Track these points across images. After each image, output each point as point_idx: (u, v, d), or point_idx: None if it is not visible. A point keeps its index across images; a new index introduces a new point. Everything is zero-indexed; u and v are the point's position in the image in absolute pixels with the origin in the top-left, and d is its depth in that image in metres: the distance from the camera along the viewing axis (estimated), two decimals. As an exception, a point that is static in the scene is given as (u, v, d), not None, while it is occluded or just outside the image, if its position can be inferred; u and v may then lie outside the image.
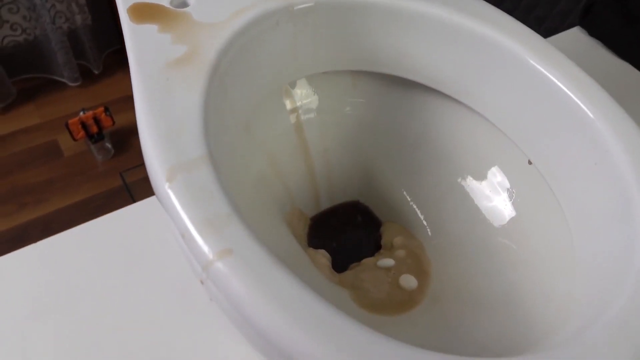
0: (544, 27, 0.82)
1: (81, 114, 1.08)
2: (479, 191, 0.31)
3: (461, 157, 0.32)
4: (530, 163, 0.26)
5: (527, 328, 0.25)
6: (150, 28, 0.26)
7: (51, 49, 1.25)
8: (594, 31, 0.56)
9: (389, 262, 0.32)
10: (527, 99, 0.27)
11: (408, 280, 0.30)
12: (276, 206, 0.33)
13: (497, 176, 0.31)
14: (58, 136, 1.21)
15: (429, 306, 0.29)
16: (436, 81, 0.31)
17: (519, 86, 0.27)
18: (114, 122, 1.11)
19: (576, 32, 0.60)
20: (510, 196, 0.30)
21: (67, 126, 1.06)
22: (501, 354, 0.25)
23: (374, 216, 0.37)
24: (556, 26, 0.80)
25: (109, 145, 1.17)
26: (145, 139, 0.22)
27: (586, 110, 0.25)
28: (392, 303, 0.29)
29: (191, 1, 0.28)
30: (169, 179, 0.20)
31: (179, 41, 0.25)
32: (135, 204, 0.38)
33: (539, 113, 0.27)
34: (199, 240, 0.19)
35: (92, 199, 1.10)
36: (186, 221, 0.19)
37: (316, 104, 0.34)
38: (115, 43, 1.39)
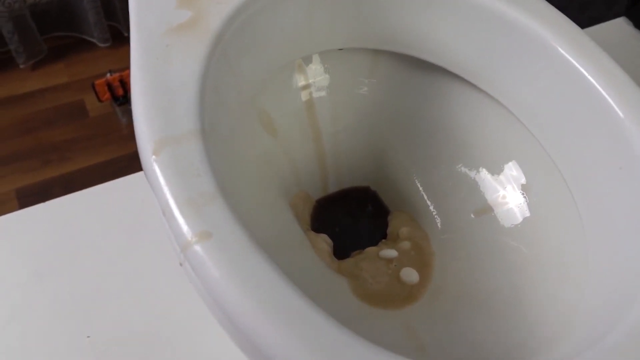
0: (587, 14, 0.78)
1: (108, 75, 1.08)
2: (493, 186, 0.29)
3: (478, 148, 0.30)
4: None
5: (527, 336, 0.24)
6: (155, -10, 0.25)
7: (83, 8, 1.25)
8: (640, 23, 0.52)
9: (392, 253, 0.31)
10: (553, 91, 0.25)
11: (409, 274, 0.29)
12: (281, 186, 0.32)
13: (514, 172, 0.29)
14: (85, 96, 1.22)
15: (427, 302, 0.28)
16: (459, 66, 0.29)
17: (546, 77, 0.25)
18: (139, 86, 1.11)
19: (621, 22, 0.56)
20: (526, 195, 0.28)
21: (93, 87, 1.07)
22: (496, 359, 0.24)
23: (382, 204, 0.36)
24: (601, 15, 0.75)
25: (134, 108, 1.17)
26: (136, 107, 0.21)
27: (616, 109, 0.23)
28: (389, 296, 0.28)
29: (202, -36, 0.27)
30: (155, 152, 0.19)
31: (184, 6, 0.24)
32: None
33: (564, 107, 0.25)
34: (179, 220, 0.18)
35: (115, 161, 1.11)
36: (168, 198, 0.18)
37: (331, 82, 0.32)
38: (147, 6, 1.38)
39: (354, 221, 0.35)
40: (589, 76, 0.24)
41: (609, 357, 0.17)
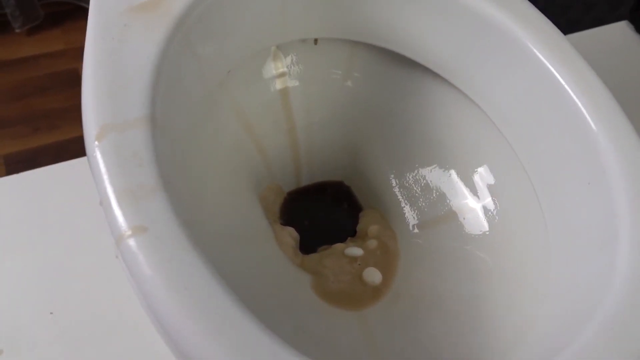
0: (591, 14, 0.76)
1: (103, 45, 1.06)
2: (463, 192, 0.29)
3: (452, 149, 0.30)
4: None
5: (481, 345, 0.23)
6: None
7: (82, -25, 1.22)
8: (641, 28, 0.51)
9: (357, 251, 0.30)
10: (528, 96, 0.24)
11: (372, 275, 0.28)
12: (252, 177, 0.32)
13: (485, 177, 0.28)
14: (80, 64, 1.20)
15: (387, 304, 0.27)
16: (436, 63, 0.28)
17: (521, 81, 0.24)
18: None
19: (623, 26, 0.55)
20: (495, 202, 0.27)
21: (87, 56, 1.05)
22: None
23: (355, 199, 0.35)
24: (604, 16, 0.74)
25: (128, 81, 1.16)
26: (85, 88, 0.20)
27: (590, 122, 0.22)
28: (349, 296, 0.28)
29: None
30: (98, 137, 0.18)
31: (149, -16, 0.23)
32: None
33: (538, 114, 0.24)
34: (115, 211, 0.17)
35: (106, 133, 1.10)
36: (107, 187, 0.17)
37: (306, 72, 0.31)
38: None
39: (325, 216, 0.35)
40: (565, 85, 0.23)
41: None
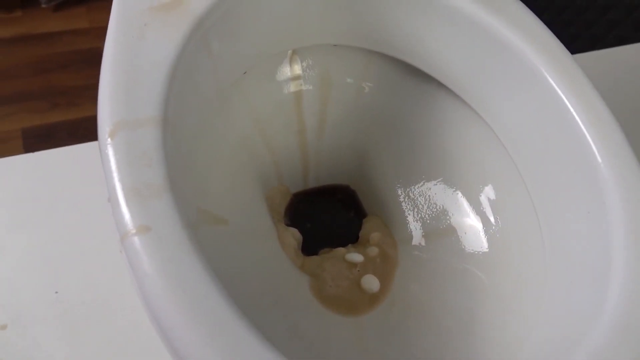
0: (614, 32, 0.75)
1: (126, 27, 1.07)
2: (465, 207, 0.29)
3: (459, 164, 0.30)
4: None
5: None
6: (146, -37, 0.24)
7: (111, -45, 1.23)
8: (660, 52, 0.50)
9: (357, 257, 0.30)
10: (536, 119, 0.24)
11: (370, 282, 0.29)
12: (260, 175, 0.32)
13: (488, 195, 0.28)
14: (102, 44, 1.21)
15: (382, 313, 0.28)
16: (448, 78, 0.28)
17: (530, 104, 0.24)
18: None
19: (645, 47, 0.54)
20: (496, 221, 0.27)
21: (110, 37, 1.06)
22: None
23: (360, 204, 0.35)
24: (628, 35, 0.73)
25: (148, 63, 1.17)
26: (103, 84, 0.20)
27: (596, 152, 0.22)
28: (345, 301, 0.28)
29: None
30: (111, 134, 0.19)
31: (171, -16, 0.23)
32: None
33: (545, 139, 0.24)
34: (122, 209, 0.17)
35: (122, 114, 1.11)
36: (115, 185, 0.18)
37: (322, 76, 0.32)
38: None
39: (330, 219, 0.35)
40: (574, 112, 0.23)
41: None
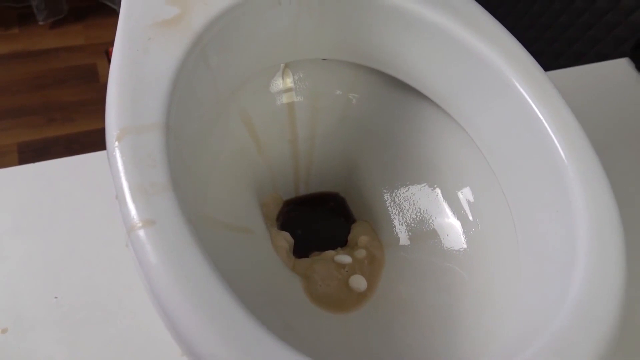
0: (595, 49, 0.78)
1: (122, 44, 1.09)
2: (447, 210, 0.31)
3: (441, 171, 0.32)
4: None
5: (449, 354, 0.25)
6: (149, -17, 0.26)
7: (108, -26, 1.26)
8: (641, 66, 0.53)
9: (346, 258, 0.32)
10: (509, 127, 0.26)
11: (358, 282, 0.31)
12: (255, 181, 0.34)
13: (468, 198, 0.30)
14: (98, 60, 1.24)
15: (369, 310, 0.29)
16: (430, 90, 0.30)
17: (504, 113, 0.27)
18: (152, 58, 1.13)
19: (624, 63, 0.57)
20: (475, 222, 0.29)
21: (106, 53, 1.09)
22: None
23: (349, 211, 0.37)
24: (608, 52, 0.76)
25: (144, 79, 1.19)
26: (110, 93, 0.22)
27: (562, 155, 0.24)
28: (335, 300, 0.30)
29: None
30: (118, 138, 0.21)
31: (173, 3, 0.25)
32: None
33: (517, 145, 0.26)
34: (128, 204, 0.19)
35: (118, 128, 1.13)
36: (122, 183, 0.20)
37: (313, 89, 0.34)
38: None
39: (320, 224, 0.37)
40: (543, 120, 0.25)
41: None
